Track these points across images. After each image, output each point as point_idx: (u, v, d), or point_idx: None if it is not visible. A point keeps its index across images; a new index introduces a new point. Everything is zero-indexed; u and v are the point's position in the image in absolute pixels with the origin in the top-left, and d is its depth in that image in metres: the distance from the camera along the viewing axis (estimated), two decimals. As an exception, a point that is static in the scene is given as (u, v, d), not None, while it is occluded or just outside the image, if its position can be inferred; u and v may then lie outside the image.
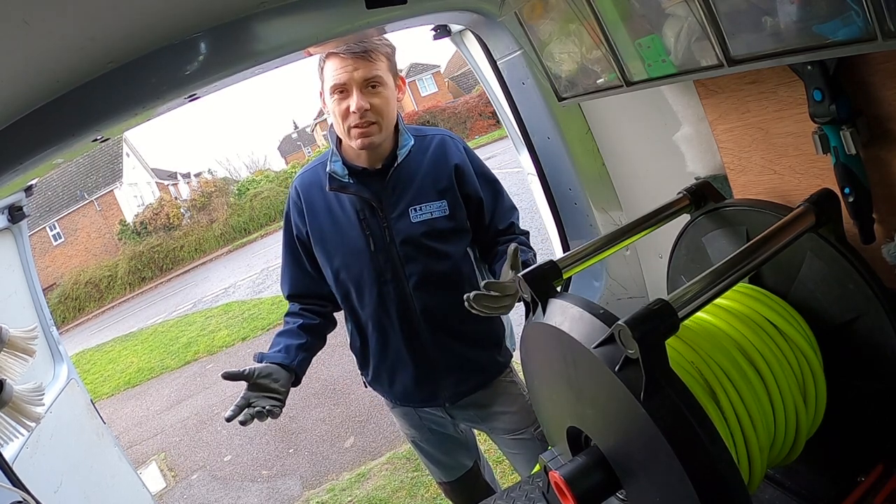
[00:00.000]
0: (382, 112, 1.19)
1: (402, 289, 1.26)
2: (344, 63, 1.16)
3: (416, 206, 1.23)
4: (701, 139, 1.04)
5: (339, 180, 1.24)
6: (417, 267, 1.24)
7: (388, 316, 1.28)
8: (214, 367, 6.53)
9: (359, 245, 1.25)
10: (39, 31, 0.73)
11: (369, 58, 1.16)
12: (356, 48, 1.15)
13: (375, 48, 1.17)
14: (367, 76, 1.16)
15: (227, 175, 27.31)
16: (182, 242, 19.86)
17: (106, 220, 21.63)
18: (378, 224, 1.24)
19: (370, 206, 1.23)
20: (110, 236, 21.26)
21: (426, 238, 1.24)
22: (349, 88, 1.17)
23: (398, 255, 1.24)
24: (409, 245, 1.24)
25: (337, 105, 1.19)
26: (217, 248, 19.38)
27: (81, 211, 21.64)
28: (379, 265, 1.25)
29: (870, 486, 0.71)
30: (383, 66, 1.19)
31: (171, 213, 21.23)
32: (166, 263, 19.34)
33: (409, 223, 1.23)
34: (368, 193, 1.23)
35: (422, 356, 1.30)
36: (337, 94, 1.18)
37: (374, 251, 1.24)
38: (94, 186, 21.88)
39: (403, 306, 1.27)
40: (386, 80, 1.19)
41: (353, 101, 1.16)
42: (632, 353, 0.55)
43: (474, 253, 1.34)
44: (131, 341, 9.74)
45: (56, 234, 21.37)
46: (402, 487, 2.90)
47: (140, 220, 21.14)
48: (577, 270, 0.83)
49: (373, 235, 1.24)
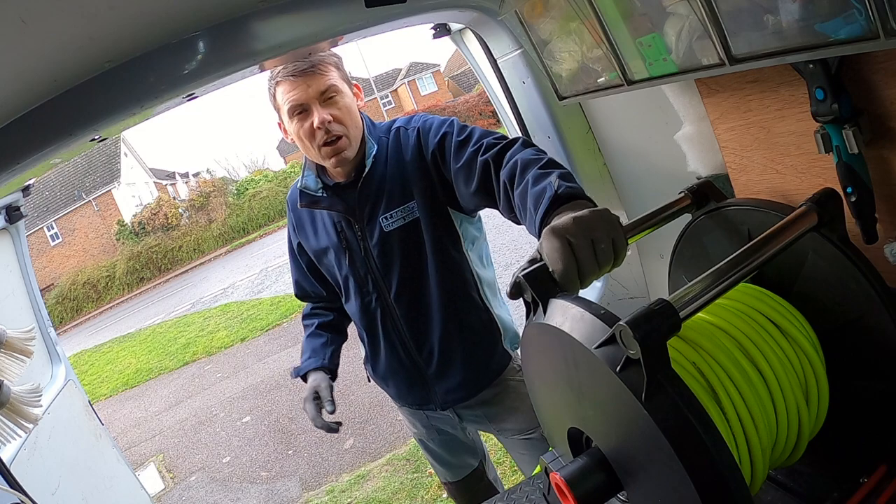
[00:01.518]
0: (346, 121, 1.17)
1: (383, 298, 1.25)
2: (295, 83, 1.13)
3: (386, 213, 1.20)
4: (702, 138, 1.04)
5: (310, 195, 1.24)
6: (396, 276, 1.22)
7: (375, 324, 1.29)
8: (213, 367, 6.52)
9: (339, 258, 1.26)
10: (36, 30, 0.73)
11: (318, 71, 1.14)
12: (302, 66, 1.13)
13: (321, 60, 1.15)
14: (321, 88, 1.14)
15: (225, 175, 27.26)
16: (180, 243, 19.85)
17: (104, 220, 21.61)
18: (354, 236, 1.23)
19: (346, 218, 1.23)
20: (108, 236, 21.23)
21: (401, 245, 1.21)
22: (308, 106, 1.14)
23: (376, 266, 1.23)
24: (386, 255, 1.21)
25: (299, 126, 1.16)
26: (216, 249, 19.37)
27: (79, 211, 21.61)
28: (359, 276, 1.25)
29: (873, 488, 0.71)
30: (335, 76, 1.17)
31: (170, 213, 21.21)
32: (164, 264, 19.33)
33: (382, 232, 1.20)
34: (342, 206, 1.22)
35: (410, 363, 1.30)
36: (296, 116, 1.16)
37: (353, 263, 1.25)
38: (92, 186, 21.86)
39: (386, 315, 1.27)
40: (341, 87, 1.17)
41: (315, 117, 1.14)
42: (633, 353, 0.55)
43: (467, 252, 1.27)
44: (129, 342, 9.73)
45: (54, 234, 21.34)
46: (401, 489, 2.90)
47: (138, 221, 21.12)
48: (577, 270, 0.82)
49: (349, 248, 1.24)
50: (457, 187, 1.14)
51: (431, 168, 1.17)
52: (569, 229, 0.67)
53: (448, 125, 1.17)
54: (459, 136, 1.12)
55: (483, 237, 1.33)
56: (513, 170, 0.95)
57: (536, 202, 0.82)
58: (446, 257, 1.23)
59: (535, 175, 0.87)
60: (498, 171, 1.02)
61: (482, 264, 1.31)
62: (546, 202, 0.78)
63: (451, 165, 1.13)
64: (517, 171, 0.93)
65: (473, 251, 1.28)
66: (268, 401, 4.87)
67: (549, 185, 0.81)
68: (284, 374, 5.33)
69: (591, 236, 0.66)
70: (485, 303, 1.29)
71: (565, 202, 0.77)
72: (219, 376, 6.12)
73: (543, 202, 0.79)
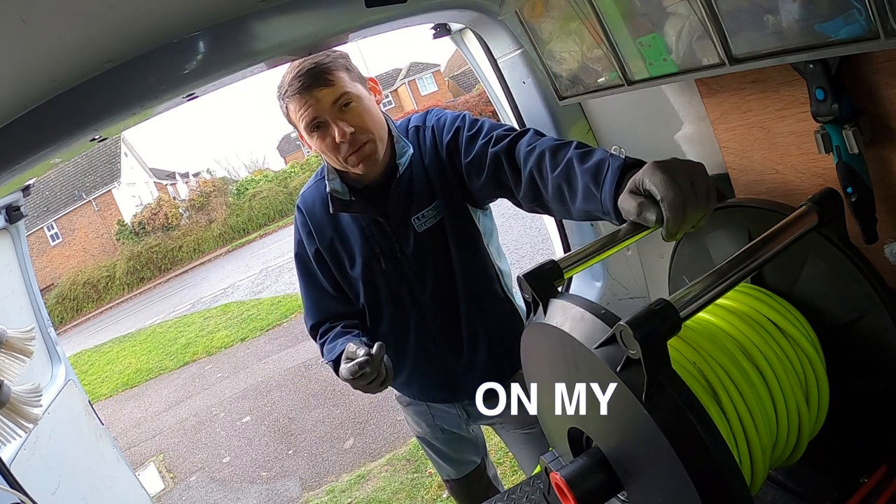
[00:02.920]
0: (368, 126, 1.12)
1: (417, 301, 1.23)
2: (305, 99, 1.08)
3: (417, 214, 1.18)
4: (702, 138, 1.04)
5: (340, 199, 1.19)
6: (430, 278, 1.21)
7: (406, 329, 1.26)
8: (213, 367, 6.52)
9: (369, 263, 1.22)
10: (36, 30, 0.73)
11: (326, 81, 1.08)
12: (308, 78, 1.08)
13: (327, 68, 1.09)
14: (333, 99, 1.08)
15: (225, 175, 27.25)
16: (180, 243, 19.85)
17: (104, 220, 21.61)
18: (386, 239, 1.20)
19: (376, 221, 1.19)
20: (108, 236, 21.23)
21: (433, 246, 1.19)
22: (323, 119, 1.10)
23: (410, 268, 1.21)
24: (420, 256, 1.19)
25: (321, 142, 1.12)
26: (216, 249, 19.37)
27: (79, 211, 21.61)
28: (392, 281, 1.22)
29: (873, 488, 0.71)
30: (345, 80, 1.10)
31: (170, 213, 21.22)
32: (165, 264, 19.33)
33: (415, 234, 1.18)
34: (374, 210, 1.18)
35: (440, 364, 1.29)
36: (316, 132, 1.11)
37: (385, 268, 1.21)
38: (92, 186, 21.86)
39: (420, 319, 1.25)
40: (355, 91, 1.11)
41: (335, 130, 1.09)
42: (633, 353, 0.55)
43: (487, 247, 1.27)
44: (129, 342, 9.74)
45: (54, 234, 21.34)
46: (401, 489, 2.90)
47: (138, 221, 21.12)
48: (578, 270, 0.82)
49: (382, 252, 1.20)
50: (469, 180, 1.14)
51: (448, 166, 1.17)
52: (674, 164, 0.67)
53: (460, 120, 1.17)
54: (470, 131, 1.12)
55: (496, 228, 1.32)
56: (540, 156, 0.94)
57: (596, 176, 0.81)
58: (471, 254, 1.22)
59: (576, 155, 0.87)
60: (513, 161, 1.01)
61: (500, 256, 1.31)
62: (616, 171, 0.78)
63: (462, 159, 1.13)
64: (546, 157, 0.92)
65: (492, 245, 1.28)
66: (268, 401, 4.87)
67: (610, 157, 0.81)
68: (285, 374, 5.33)
69: (691, 179, 0.66)
70: (507, 294, 1.30)
71: (630, 169, 0.77)
72: (219, 376, 6.12)
73: (609, 172, 0.79)
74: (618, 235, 0.73)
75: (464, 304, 1.23)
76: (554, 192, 0.92)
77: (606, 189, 0.79)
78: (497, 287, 1.28)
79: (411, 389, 1.39)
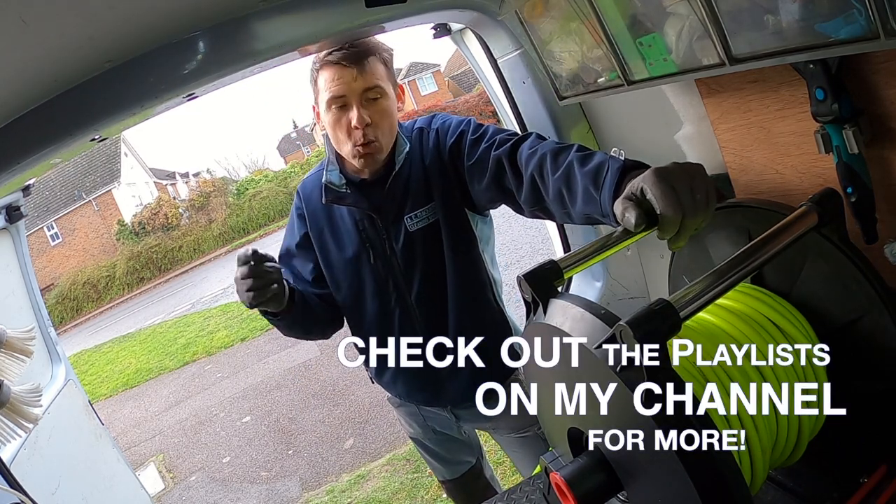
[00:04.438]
0: (383, 126, 1.13)
1: (403, 299, 1.24)
2: (341, 73, 1.08)
3: (411, 213, 1.19)
4: (702, 138, 1.04)
5: (335, 191, 1.21)
6: (418, 278, 1.21)
7: (391, 326, 1.26)
8: (213, 367, 6.52)
9: (358, 256, 1.23)
10: (37, 29, 0.73)
11: (368, 66, 1.09)
12: (353, 55, 1.09)
13: (373, 54, 1.10)
14: (366, 86, 1.09)
15: (225, 175, 27.22)
16: (180, 243, 19.84)
17: (104, 220, 21.60)
18: (377, 234, 1.21)
19: (369, 216, 1.20)
20: (108, 236, 21.22)
21: (424, 246, 1.20)
22: (348, 100, 1.10)
23: (398, 266, 1.22)
24: (409, 255, 1.20)
25: (336, 119, 1.12)
26: (216, 249, 19.36)
27: (79, 211, 21.60)
28: (379, 276, 1.23)
29: (873, 488, 0.71)
30: (382, 74, 1.12)
31: (170, 213, 21.20)
32: (165, 264, 19.32)
33: (406, 232, 1.19)
34: (367, 204, 1.19)
35: (424, 366, 1.29)
36: (335, 107, 1.12)
37: (373, 262, 1.22)
38: (92, 186, 21.84)
39: (405, 316, 1.25)
40: (386, 89, 1.13)
41: (353, 115, 1.10)
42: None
43: (482, 254, 1.27)
44: (129, 342, 9.73)
45: (54, 234, 21.32)
46: (401, 489, 2.90)
47: (138, 221, 21.11)
48: (578, 270, 0.82)
49: (372, 246, 1.21)
50: (470, 184, 1.14)
51: (449, 169, 1.17)
52: (673, 172, 0.67)
53: (465, 124, 1.17)
54: (474, 135, 1.13)
55: (494, 237, 1.32)
56: (541, 160, 0.94)
57: (596, 178, 0.82)
58: (464, 259, 1.22)
59: (577, 158, 0.88)
60: (515, 164, 1.02)
61: (494, 265, 1.32)
62: (615, 173, 0.79)
63: (465, 162, 1.13)
64: (547, 160, 0.93)
65: (487, 252, 1.28)
66: (268, 401, 4.87)
67: (609, 160, 0.82)
68: (285, 374, 5.33)
69: (690, 185, 0.66)
70: (498, 303, 1.30)
71: (630, 171, 0.78)
72: (219, 376, 6.12)
73: (609, 174, 0.79)
74: (618, 236, 0.73)
75: (452, 307, 1.23)
76: (555, 196, 0.93)
77: (605, 191, 0.79)
78: (489, 294, 1.28)
79: (397, 389, 1.38)
